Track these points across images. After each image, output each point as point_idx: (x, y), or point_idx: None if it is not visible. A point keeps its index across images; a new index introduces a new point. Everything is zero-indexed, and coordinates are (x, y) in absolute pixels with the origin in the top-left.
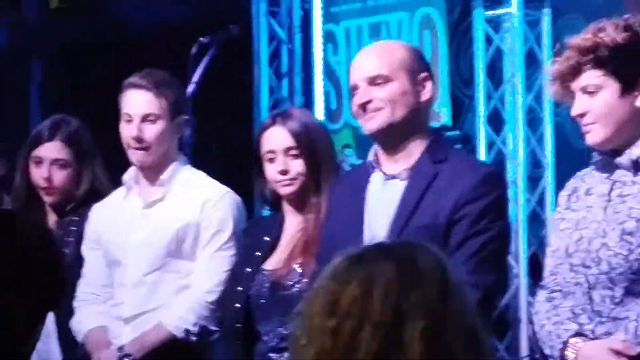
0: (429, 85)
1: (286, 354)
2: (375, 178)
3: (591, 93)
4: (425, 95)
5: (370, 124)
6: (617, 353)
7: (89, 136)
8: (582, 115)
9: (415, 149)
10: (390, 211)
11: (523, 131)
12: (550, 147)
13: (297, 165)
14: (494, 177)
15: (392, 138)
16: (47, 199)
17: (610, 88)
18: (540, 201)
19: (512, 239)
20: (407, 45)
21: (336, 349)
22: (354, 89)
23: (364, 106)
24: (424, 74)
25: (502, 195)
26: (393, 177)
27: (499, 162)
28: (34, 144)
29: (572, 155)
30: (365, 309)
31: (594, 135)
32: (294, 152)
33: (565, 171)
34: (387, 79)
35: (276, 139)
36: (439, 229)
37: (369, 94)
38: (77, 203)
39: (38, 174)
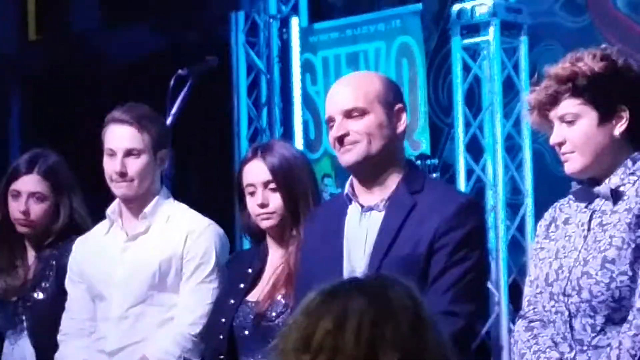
0: (403, 116)
1: None
2: (352, 210)
3: (569, 122)
4: (400, 126)
5: (347, 156)
6: None
7: (67, 170)
8: (560, 144)
9: (392, 180)
10: (369, 243)
11: (502, 158)
12: (529, 174)
13: (276, 199)
14: (472, 206)
15: (369, 170)
16: (24, 231)
17: (588, 117)
18: (520, 228)
19: (493, 266)
20: (382, 77)
21: None
22: (329, 121)
23: (340, 139)
24: (399, 105)
25: (480, 224)
26: (370, 208)
27: (478, 190)
28: (12, 178)
29: (552, 181)
30: (339, 344)
31: (573, 164)
32: (272, 185)
33: (544, 198)
34: (363, 112)
35: (255, 173)
36: (418, 260)
37: (345, 127)
38: (55, 237)
39: (15, 207)
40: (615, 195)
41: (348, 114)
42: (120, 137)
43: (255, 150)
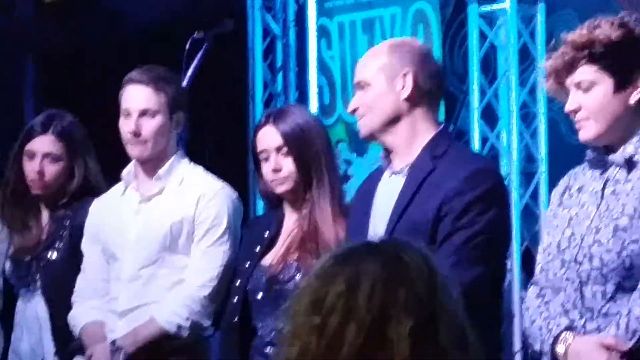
0: (409, 80)
1: None
2: (385, 175)
3: (585, 89)
4: (405, 91)
5: (360, 130)
6: (608, 348)
7: (82, 131)
8: (575, 111)
9: (417, 145)
10: (391, 207)
11: (517, 126)
12: (543, 142)
13: (289, 164)
14: (485, 170)
15: (386, 139)
16: (39, 192)
17: (604, 84)
18: (534, 196)
19: None
20: (393, 44)
21: (321, 346)
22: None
23: (353, 113)
24: (405, 69)
25: (492, 188)
26: (397, 173)
27: (492, 158)
28: (27, 138)
29: (566, 150)
30: (350, 307)
31: (587, 131)
32: (284, 150)
33: (558, 166)
34: (366, 84)
35: (268, 138)
36: (427, 225)
37: (356, 100)
38: (69, 198)
39: (30, 168)
40: (630, 164)
41: (358, 87)
42: (136, 97)
43: (267, 116)
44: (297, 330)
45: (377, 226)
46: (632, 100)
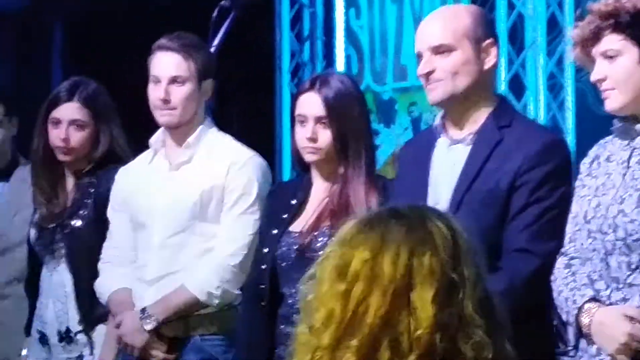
0: (493, 51)
1: None
2: (441, 143)
3: (611, 58)
4: (489, 62)
5: (433, 95)
6: (631, 319)
7: (107, 98)
8: (601, 80)
9: (481, 115)
10: (454, 176)
11: (544, 97)
12: (571, 113)
13: (326, 135)
14: (557, 144)
15: (456, 107)
16: (64, 159)
17: (629, 53)
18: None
19: None
20: (472, 10)
21: (345, 312)
22: (418, 56)
23: (427, 76)
24: (489, 40)
25: (563, 163)
26: (458, 142)
27: None
28: (52, 105)
29: (593, 121)
30: (375, 273)
31: (613, 100)
32: (324, 121)
33: (586, 137)
34: (450, 49)
35: (309, 104)
36: (500, 195)
37: (432, 63)
38: (94, 165)
39: (55, 135)
40: None
41: (435, 50)
42: (166, 64)
43: (313, 82)
44: (322, 296)
45: (439, 194)
46: None
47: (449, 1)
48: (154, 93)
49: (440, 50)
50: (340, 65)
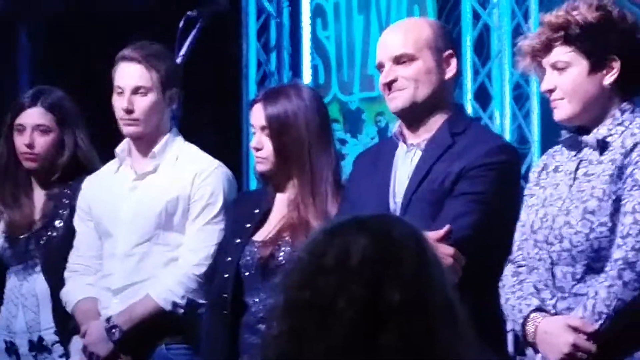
0: (453, 62)
1: None
2: (400, 149)
3: (560, 69)
4: (449, 72)
5: (395, 102)
6: (575, 329)
7: (72, 105)
8: (551, 90)
9: (436, 122)
10: (408, 179)
11: (510, 107)
12: (536, 123)
13: (269, 146)
14: (503, 147)
15: (416, 114)
16: (30, 165)
17: (578, 65)
18: (525, 177)
19: None
20: (432, 23)
21: (312, 320)
22: (379, 66)
23: (389, 85)
24: (449, 51)
25: (506, 164)
26: (414, 147)
27: None
28: (16, 112)
29: (558, 131)
30: (340, 281)
31: (561, 111)
32: (266, 132)
33: (551, 147)
34: (411, 58)
35: (256, 115)
36: (443, 194)
37: (394, 72)
38: (61, 173)
39: (20, 141)
40: (602, 146)
41: (397, 60)
42: (128, 74)
43: (263, 93)
44: (288, 304)
45: (398, 198)
46: (606, 82)
47: (416, 11)
48: (118, 104)
49: (401, 60)
50: (307, 75)
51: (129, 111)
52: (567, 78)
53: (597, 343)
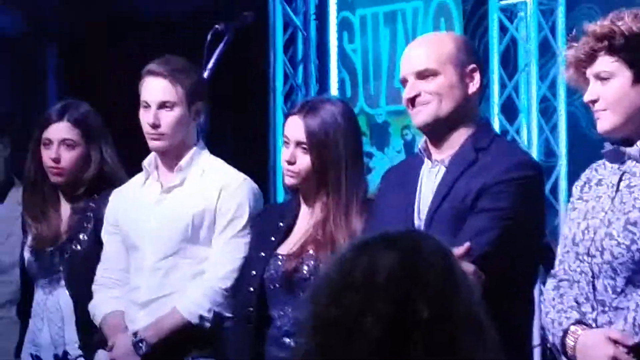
0: (477, 76)
1: None
2: (426, 165)
3: (604, 80)
4: (473, 87)
5: (418, 117)
6: (615, 342)
7: (99, 120)
8: (594, 101)
9: (460, 137)
10: (432, 196)
11: (537, 120)
12: (563, 137)
13: (304, 160)
14: (524, 162)
15: (440, 130)
16: (56, 180)
17: (622, 76)
18: (553, 190)
19: None
20: (456, 37)
21: (339, 337)
22: (403, 81)
23: (412, 100)
24: (472, 66)
25: (528, 176)
26: (438, 163)
27: None
28: (43, 127)
29: (585, 144)
30: (367, 298)
31: (604, 122)
32: (304, 146)
33: (578, 160)
34: (434, 73)
35: (292, 128)
36: (465, 210)
37: (417, 87)
38: (87, 187)
39: (47, 155)
40: None
41: (420, 75)
42: (154, 89)
43: (301, 106)
44: (316, 320)
45: (421, 214)
46: None
47: (442, 23)
48: (144, 118)
49: (424, 74)
50: (333, 88)
51: (155, 126)
52: (610, 88)
53: (638, 357)
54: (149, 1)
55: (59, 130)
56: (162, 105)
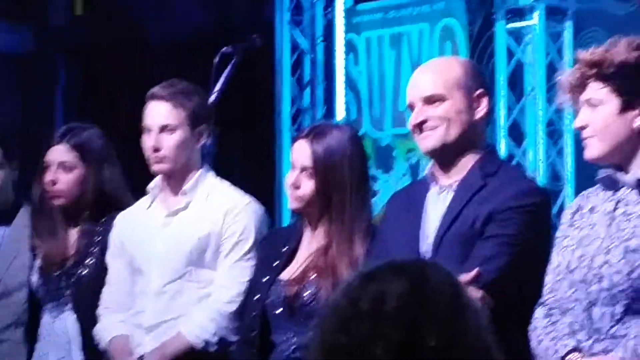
0: (484, 101)
1: None
2: (432, 191)
3: (593, 106)
4: (480, 112)
5: (426, 142)
6: None
7: (101, 141)
8: (583, 127)
9: (468, 162)
10: (439, 222)
11: (543, 144)
12: (569, 161)
13: (308, 185)
14: (533, 188)
15: (447, 155)
16: (56, 202)
17: (610, 104)
18: (559, 214)
19: None
20: (463, 62)
21: None
22: (410, 107)
23: (419, 125)
24: (479, 91)
25: (537, 203)
26: (446, 189)
27: None
28: (46, 150)
29: (592, 168)
30: (377, 326)
31: (591, 149)
32: (309, 171)
33: (584, 184)
34: (441, 99)
35: (298, 152)
36: (473, 236)
37: (425, 113)
38: (91, 210)
39: (46, 178)
40: None
41: (427, 101)
42: (156, 113)
43: (308, 130)
44: (325, 348)
45: (429, 239)
46: (636, 123)
47: (448, 46)
48: (146, 142)
49: (432, 100)
50: (340, 110)
51: (156, 149)
52: (599, 115)
53: None
54: (158, 24)
55: (57, 153)
56: (164, 129)
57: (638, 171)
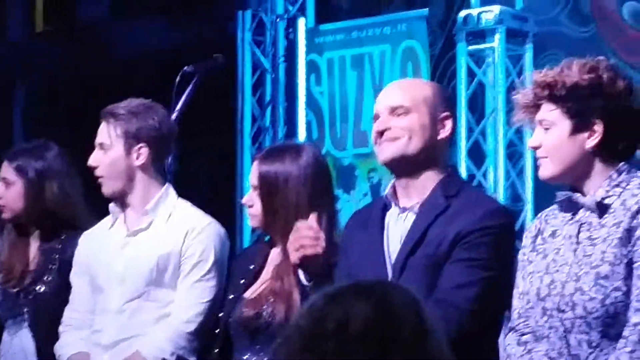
0: (449, 124)
1: None
2: (392, 212)
3: (546, 127)
4: (444, 133)
5: (385, 152)
6: None
7: (45, 157)
8: (535, 147)
9: (429, 184)
10: (401, 243)
11: (504, 165)
12: (529, 181)
13: (258, 204)
14: (498, 210)
15: (405, 170)
16: (3, 216)
17: (561, 125)
18: (519, 234)
19: None
20: (432, 84)
21: None
22: (375, 118)
23: (381, 133)
24: (445, 113)
25: (503, 228)
26: (407, 210)
27: None
28: None
29: (552, 189)
30: (343, 348)
31: (544, 169)
32: (258, 191)
33: (544, 205)
34: (407, 111)
35: (252, 172)
36: (440, 259)
37: (388, 122)
38: (38, 226)
39: None
40: (601, 208)
41: (393, 111)
42: (99, 131)
43: (264, 151)
44: None
45: (390, 261)
46: (588, 145)
47: (409, 67)
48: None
49: (397, 111)
50: (301, 130)
51: (93, 168)
52: (550, 137)
53: None
54: (119, 41)
55: (2, 169)
56: (101, 147)
57: (597, 193)
